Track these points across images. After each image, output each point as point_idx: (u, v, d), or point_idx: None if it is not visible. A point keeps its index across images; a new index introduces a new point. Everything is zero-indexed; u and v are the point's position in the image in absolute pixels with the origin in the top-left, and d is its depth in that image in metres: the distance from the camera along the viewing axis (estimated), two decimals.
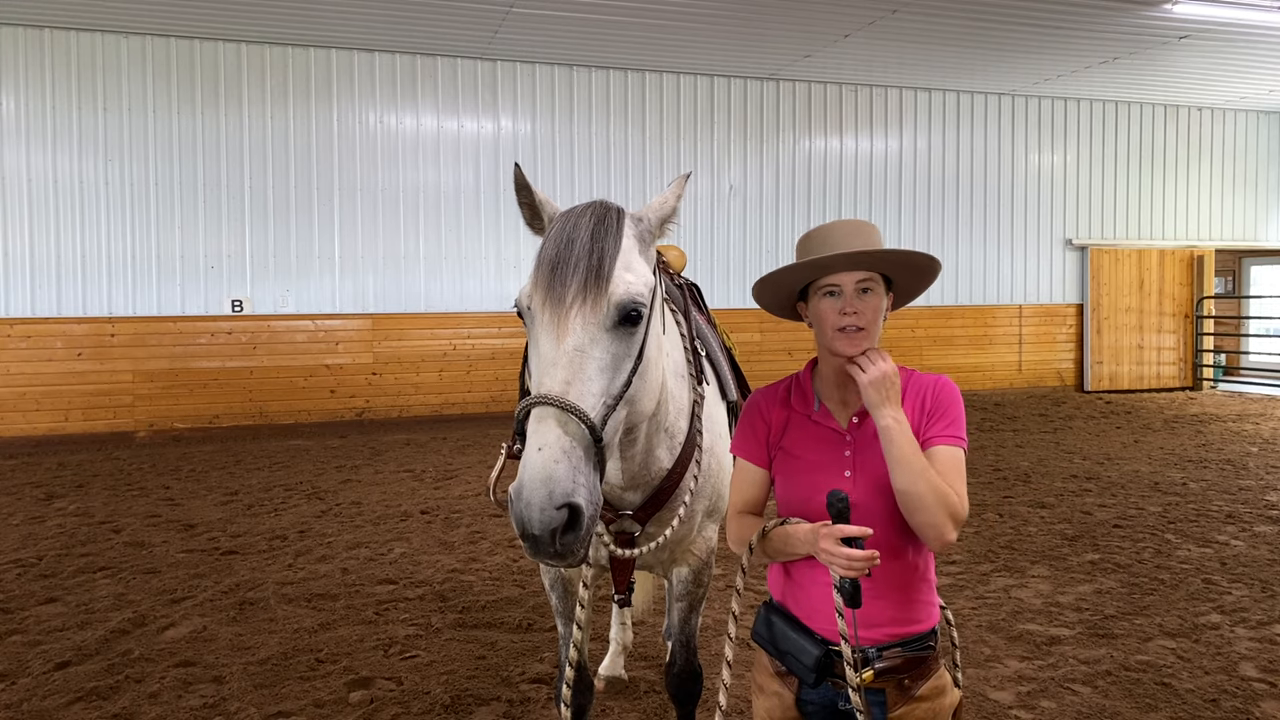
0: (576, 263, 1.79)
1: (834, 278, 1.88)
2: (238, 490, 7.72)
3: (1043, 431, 10.67)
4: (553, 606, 2.82)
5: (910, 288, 2.01)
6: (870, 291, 1.88)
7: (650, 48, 11.33)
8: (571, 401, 1.70)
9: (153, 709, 3.65)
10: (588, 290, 1.77)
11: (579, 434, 1.70)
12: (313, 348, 11.17)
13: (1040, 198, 14.40)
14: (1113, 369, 14.63)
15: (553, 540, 1.66)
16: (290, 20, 10.10)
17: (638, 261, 1.90)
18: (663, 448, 2.37)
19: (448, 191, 11.53)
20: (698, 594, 2.74)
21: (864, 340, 1.87)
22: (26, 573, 5.44)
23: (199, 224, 10.73)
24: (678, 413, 2.40)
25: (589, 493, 1.70)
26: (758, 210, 12.96)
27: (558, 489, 1.65)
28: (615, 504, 2.42)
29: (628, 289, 1.80)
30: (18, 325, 10.13)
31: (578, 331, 1.76)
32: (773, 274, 1.96)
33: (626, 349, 1.82)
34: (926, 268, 1.95)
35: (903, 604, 1.90)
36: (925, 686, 1.91)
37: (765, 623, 2.02)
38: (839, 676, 1.87)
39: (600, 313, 1.77)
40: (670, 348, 2.43)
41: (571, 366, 1.74)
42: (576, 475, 1.68)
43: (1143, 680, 3.86)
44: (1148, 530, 6.23)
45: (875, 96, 13.49)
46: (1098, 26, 10.66)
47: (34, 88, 10.14)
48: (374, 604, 4.87)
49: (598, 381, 1.76)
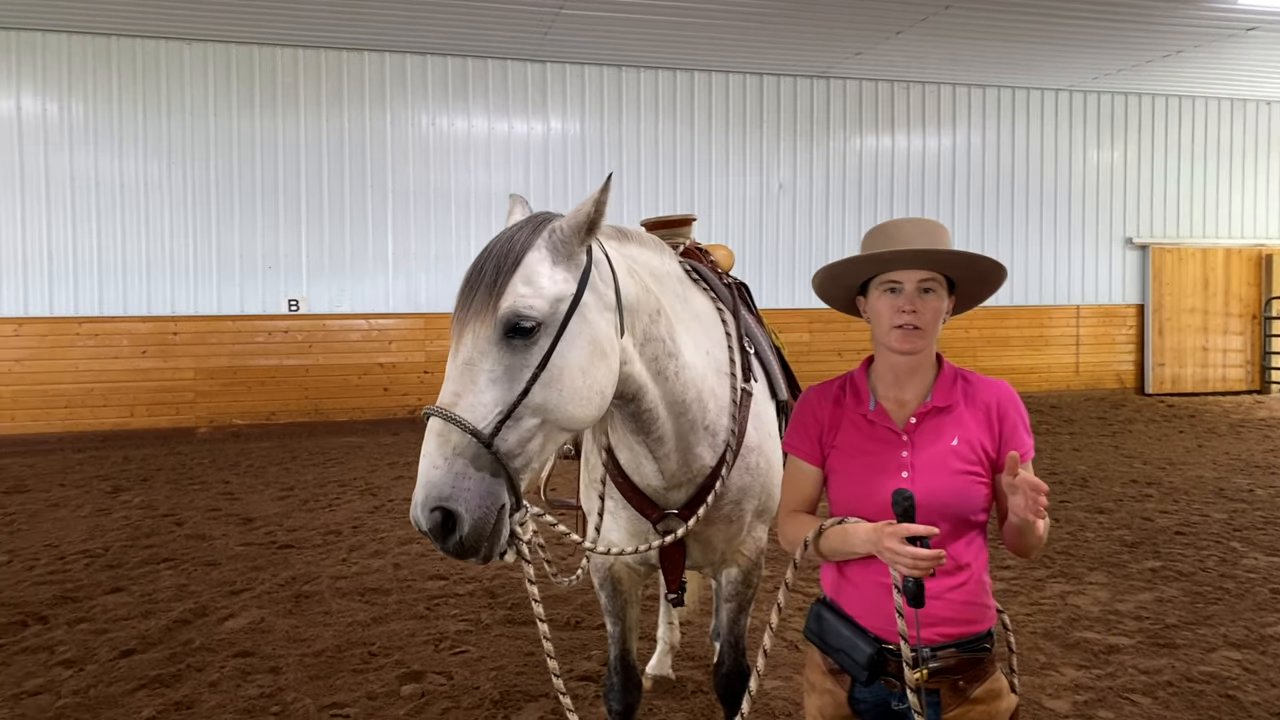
0: (479, 280, 1.87)
1: (897, 274, 1.87)
2: (294, 485, 7.90)
3: (1101, 435, 10.41)
4: (601, 605, 2.83)
5: (972, 294, 1.99)
6: (932, 292, 1.87)
7: (699, 47, 11.31)
8: (453, 412, 1.78)
9: (213, 697, 3.75)
10: (482, 305, 1.85)
11: (461, 442, 1.77)
12: (366, 346, 11.37)
13: (1099, 196, 14.04)
14: (1175, 371, 14.21)
15: (438, 539, 1.77)
16: (346, 25, 10.29)
17: (545, 273, 1.90)
18: (703, 445, 2.36)
19: (498, 192, 11.64)
20: (747, 595, 2.73)
21: (919, 340, 1.86)
22: (94, 563, 5.63)
23: (257, 225, 11.00)
24: (719, 410, 2.39)
25: (479, 498, 1.77)
26: (807, 209, 12.85)
27: (433, 493, 1.75)
28: (660, 503, 2.43)
29: (514, 303, 1.84)
30: (86, 324, 10.49)
31: (468, 345, 1.84)
32: (835, 264, 1.95)
33: (522, 360, 1.84)
34: (992, 275, 1.93)
35: (958, 604, 1.88)
36: (981, 689, 1.89)
37: (817, 619, 2.00)
38: (891, 675, 1.86)
39: (488, 327, 1.83)
40: (711, 345, 2.43)
41: (461, 379, 1.82)
42: (459, 481, 1.76)
43: (1206, 692, 3.75)
44: (1212, 538, 6.04)
45: (928, 93, 13.30)
46: (1160, 19, 10.37)
47: (101, 93, 10.49)
48: (425, 599, 4.94)
49: (489, 393, 1.81)
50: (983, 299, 2.02)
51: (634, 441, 2.32)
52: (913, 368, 1.94)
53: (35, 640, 4.37)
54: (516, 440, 1.83)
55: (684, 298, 2.43)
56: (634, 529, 2.52)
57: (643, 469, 2.39)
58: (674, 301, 2.34)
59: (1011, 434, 1.92)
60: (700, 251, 3.16)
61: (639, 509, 2.46)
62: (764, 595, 4.92)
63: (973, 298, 2.01)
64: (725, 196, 12.54)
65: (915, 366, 1.94)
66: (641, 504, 2.45)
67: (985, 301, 2.06)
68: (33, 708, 3.66)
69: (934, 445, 1.86)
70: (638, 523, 2.49)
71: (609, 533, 2.60)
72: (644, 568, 2.69)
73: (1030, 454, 1.91)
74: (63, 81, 10.38)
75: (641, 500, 2.45)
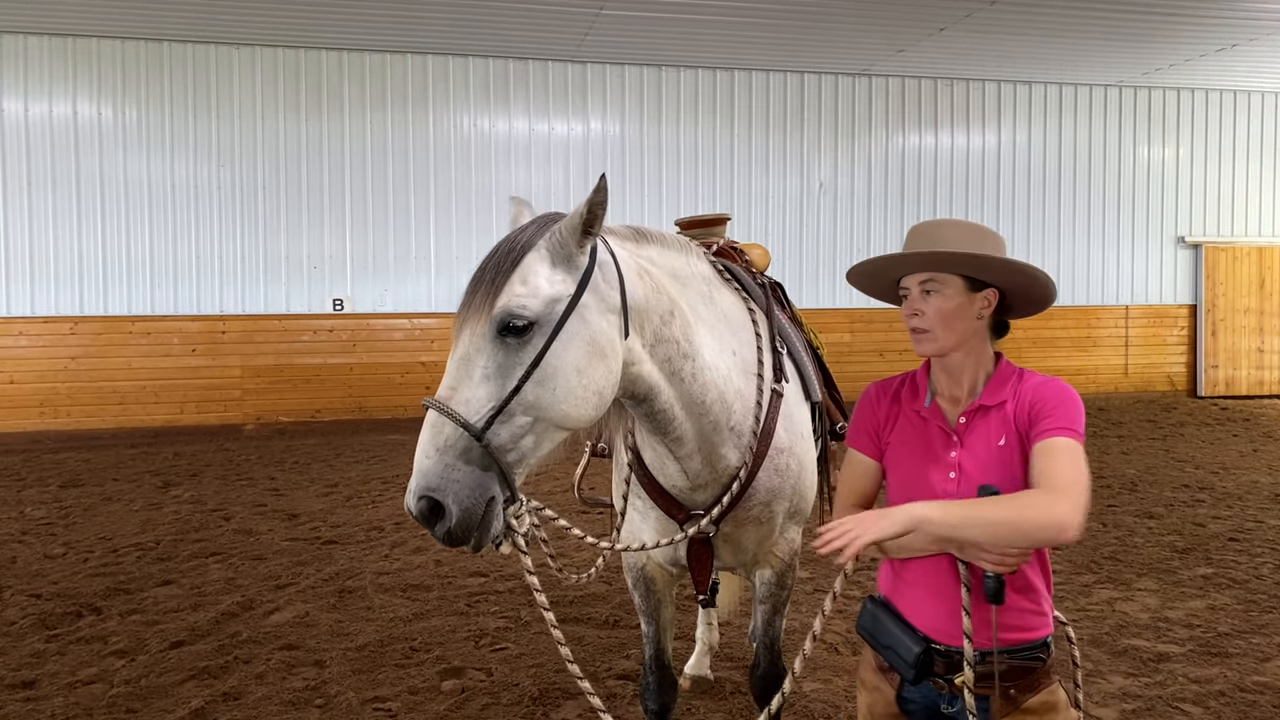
0: (481, 279, 1.92)
1: (905, 279, 1.91)
2: (338, 482, 8.02)
3: (1151, 438, 10.18)
4: (636, 605, 2.84)
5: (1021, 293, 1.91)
6: (934, 293, 1.86)
7: (740, 46, 11.27)
8: (448, 405, 1.83)
9: (259, 689, 3.83)
10: (480, 304, 1.89)
11: (453, 435, 1.82)
12: (409, 345, 11.51)
13: (1149, 193, 13.72)
14: (1229, 373, 13.83)
15: (425, 526, 1.84)
16: (389, 28, 10.43)
17: (542, 274, 1.92)
18: (728, 446, 2.35)
19: (539, 192, 11.70)
20: (781, 596, 2.72)
21: (929, 342, 1.87)
22: (145, 556, 5.78)
23: (303, 226, 11.19)
24: (745, 411, 2.38)
25: (469, 489, 1.82)
26: (849, 208, 12.74)
27: (422, 482, 1.81)
28: (686, 503, 2.43)
29: (508, 302, 1.87)
30: (139, 322, 10.76)
31: (465, 341, 1.89)
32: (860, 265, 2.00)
33: (516, 358, 1.87)
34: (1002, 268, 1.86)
35: (1009, 609, 1.83)
36: (1034, 699, 1.84)
37: (869, 616, 2.00)
38: (940, 675, 1.84)
39: (483, 324, 1.87)
40: (739, 345, 2.42)
41: (457, 374, 1.87)
42: (448, 472, 1.81)
43: (1260, 703, 3.65)
44: (1267, 544, 5.88)
45: (971, 90, 13.10)
46: (1213, 12, 10.10)
47: (154, 98, 10.75)
48: (466, 596, 4.99)
49: (483, 388, 1.86)
50: (1033, 294, 1.93)
51: (655, 442, 2.33)
52: (957, 366, 1.92)
53: (89, 631, 4.50)
54: (509, 436, 1.87)
55: (710, 298, 2.42)
56: (664, 529, 2.52)
57: (666, 469, 2.39)
58: (696, 302, 2.33)
59: (1039, 416, 1.79)
60: (735, 251, 3.14)
61: (665, 509, 2.46)
62: (803, 597, 4.89)
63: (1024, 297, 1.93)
64: (765, 196, 12.48)
65: (959, 365, 1.92)
66: (667, 504, 2.45)
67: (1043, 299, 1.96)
68: (86, 696, 3.77)
69: (981, 446, 1.85)
70: (666, 523, 2.49)
71: (640, 532, 2.60)
72: (676, 568, 2.69)
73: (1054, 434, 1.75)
74: (117, 86, 10.65)
75: (667, 500, 2.45)
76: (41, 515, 6.86)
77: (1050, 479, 1.69)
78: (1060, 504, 1.64)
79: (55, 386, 10.57)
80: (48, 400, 10.56)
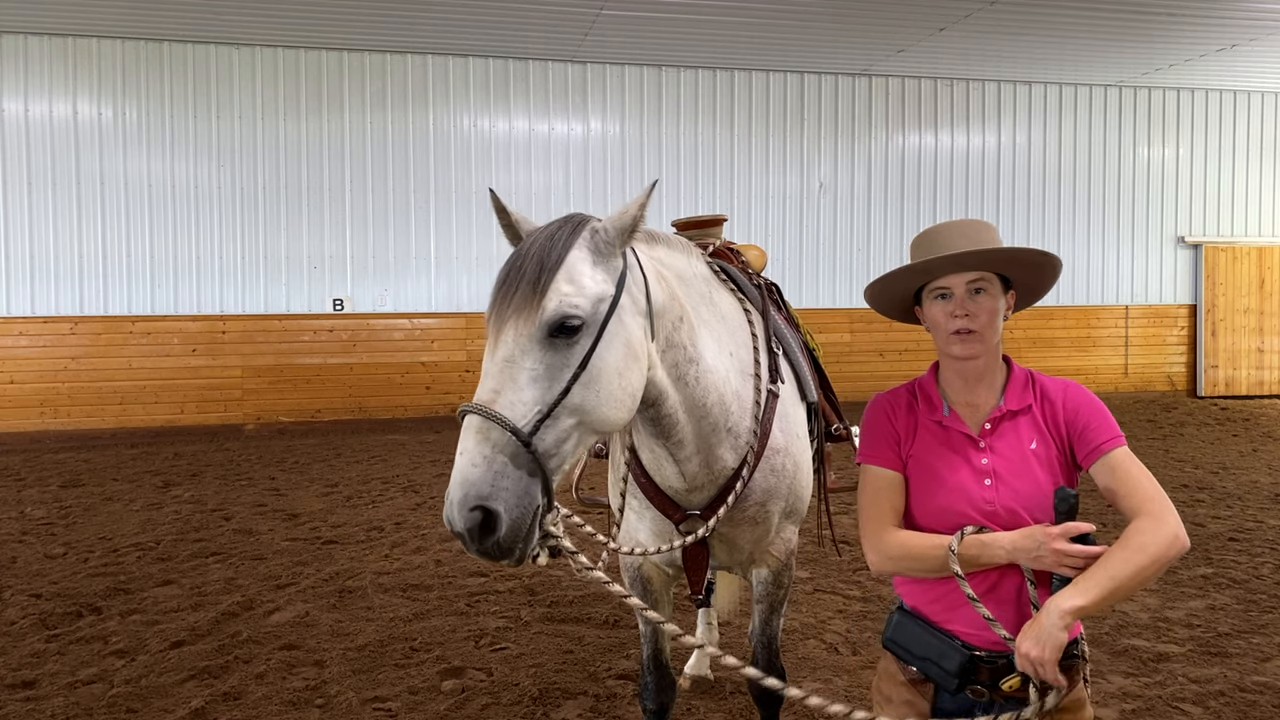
0: (520, 277, 1.85)
1: (943, 280, 1.86)
2: (338, 482, 8.02)
3: (1151, 438, 10.18)
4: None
5: (1032, 286, 1.95)
6: (984, 292, 1.85)
7: (740, 46, 11.27)
8: (494, 410, 1.75)
9: (259, 689, 3.83)
10: (524, 303, 1.82)
11: (501, 441, 1.74)
12: (409, 345, 11.52)
13: (1149, 193, 13.72)
14: (1229, 373, 13.83)
15: (474, 540, 1.73)
16: (389, 28, 10.43)
17: (586, 273, 1.90)
18: (725, 447, 2.34)
19: (538, 193, 11.72)
20: (778, 595, 2.72)
21: (978, 344, 1.84)
22: (145, 555, 5.78)
23: (303, 226, 11.20)
24: (742, 412, 2.37)
25: (517, 498, 1.74)
26: (849, 208, 12.74)
27: (471, 492, 1.71)
28: (682, 504, 2.43)
29: (560, 301, 1.82)
30: (139, 322, 10.77)
31: (509, 343, 1.82)
32: (881, 279, 1.94)
33: (564, 360, 1.83)
34: (1044, 263, 1.90)
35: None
36: (1067, 698, 1.84)
37: (900, 628, 1.94)
38: (980, 683, 1.82)
39: (532, 325, 1.81)
40: (736, 347, 2.42)
41: (501, 376, 1.80)
42: (498, 480, 1.73)
43: (1260, 702, 3.65)
44: (1267, 544, 5.88)
45: (972, 90, 13.10)
46: (1213, 12, 10.10)
47: (154, 98, 10.76)
48: (466, 596, 4.99)
49: (529, 391, 1.79)
50: (1043, 291, 1.98)
51: (655, 444, 2.32)
52: (980, 372, 1.91)
53: (89, 630, 4.50)
54: (554, 440, 1.81)
55: (710, 299, 2.42)
56: (659, 529, 2.52)
57: (664, 470, 2.39)
58: (699, 303, 2.34)
59: (1085, 430, 1.84)
60: (731, 252, 3.14)
61: (661, 509, 2.46)
62: (803, 597, 4.89)
63: (1034, 290, 1.97)
64: (765, 196, 12.48)
65: (982, 370, 1.91)
66: (664, 504, 2.45)
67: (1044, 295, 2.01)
68: (87, 696, 3.77)
69: (1013, 450, 1.83)
70: (662, 523, 2.49)
71: (636, 533, 2.61)
72: (673, 569, 2.70)
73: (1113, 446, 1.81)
74: (117, 86, 10.66)
75: (664, 501, 2.45)
76: (41, 515, 6.87)
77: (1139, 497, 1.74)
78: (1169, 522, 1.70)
79: (55, 386, 10.57)
80: (48, 400, 10.57)
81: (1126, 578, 1.66)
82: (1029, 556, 1.74)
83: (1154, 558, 1.67)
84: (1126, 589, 1.68)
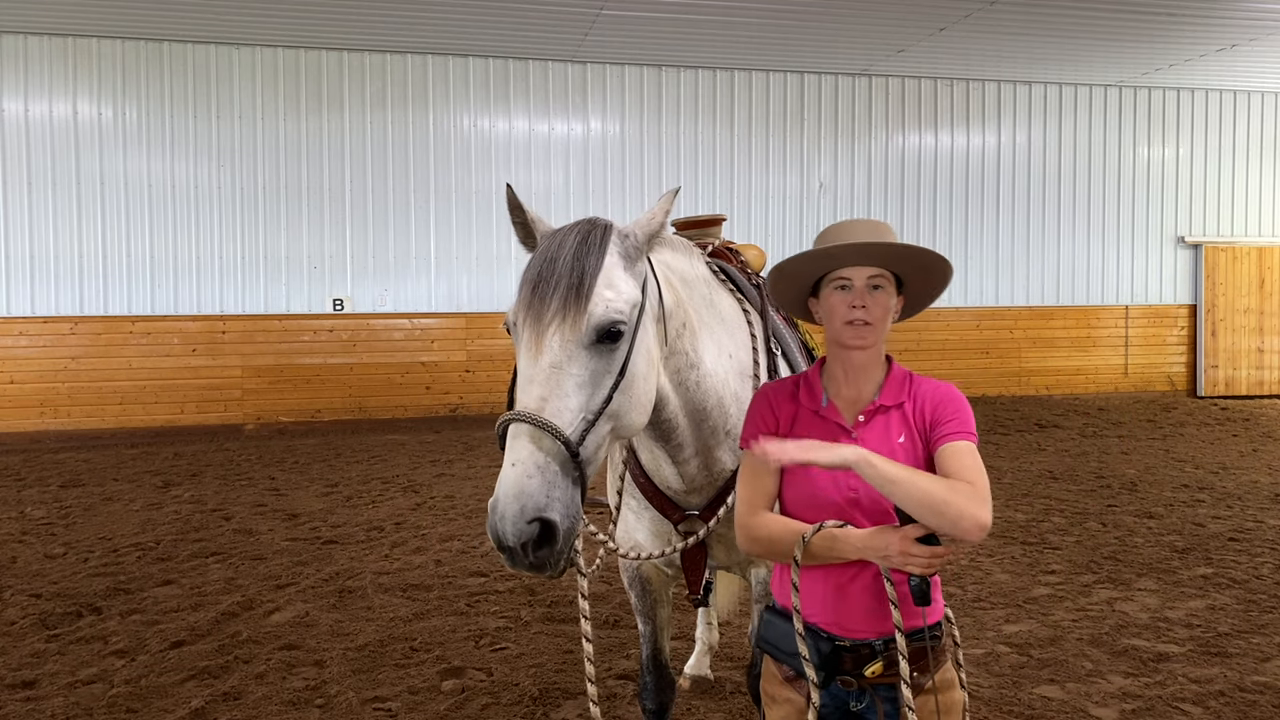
0: (557, 281, 1.81)
1: (846, 271, 1.91)
2: (338, 482, 8.02)
3: (1151, 438, 10.18)
4: (632, 604, 2.84)
5: (921, 294, 2.03)
6: (881, 289, 1.91)
7: (740, 46, 11.27)
8: (545, 418, 1.72)
9: (259, 689, 3.83)
10: (567, 308, 1.79)
11: (553, 449, 1.72)
12: (409, 345, 11.52)
13: (1149, 193, 13.72)
14: (1229, 373, 13.83)
15: (526, 553, 1.71)
16: (389, 28, 10.43)
17: (621, 279, 1.90)
18: (724, 449, 2.35)
19: (539, 192, 11.71)
20: None
21: (870, 335, 1.91)
22: (145, 555, 5.78)
23: (303, 226, 11.20)
24: (740, 413, 2.36)
25: (565, 507, 1.72)
26: (849, 209, 12.74)
27: (529, 503, 1.68)
28: (681, 504, 2.43)
29: (607, 307, 1.81)
30: (139, 322, 10.76)
31: (554, 349, 1.78)
32: (787, 262, 1.98)
33: (607, 365, 1.82)
34: (938, 270, 1.96)
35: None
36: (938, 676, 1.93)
37: (769, 626, 2.00)
38: (846, 673, 1.89)
39: (578, 330, 1.78)
40: (735, 348, 2.42)
41: (548, 383, 1.76)
42: (551, 490, 1.70)
43: (1260, 703, 3.65)
44: (1267, 544, 5.88)
45: (971, 90, 13.10)
46: (1213, 12, 10.11)
47: (154, 98, 10.76)
48: (466, 596, 4.99)
49: (575, 398, 1.77)
50: (929, 300, 2.05)
51: (654, 446, 2.33)
52: (863, 365, 1.96)
53: (89, 630, 4.50)
54: (593, 447, 1.80)
55: (710, 301, 2.42)
56: (658, 529, 2.52)
57: (662, 471, 2.39)
58: (700, 306, 2.34)
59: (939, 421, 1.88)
60: (730, 251, 3.15)
61: (660, 509, 2.46)
62: None
63: (920, 300, 2.04)
64: (765, 196, 12.48)
65: (866, 364, 1.96)
66: (663, 504, 2.45)
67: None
68: (87, 696, 3.77)
69: (881, 443, 1.88)
70: (661, 522, 2.49)
71: (634, 532, 2.61)
72: (672, 569, 2.70)
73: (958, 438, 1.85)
74: (117, 86, 10.65)
75: (662, 501, 2.45)
76: (41, 515, 6.87)
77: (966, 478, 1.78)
78: (985, 507, 1.73)
79: (55, 386, 10.57)
80: (48, 400, 10.56)
81: (917, 484, 1.71)
82: (878, 554, 1.79)
83: (953, 501, 1.69)
84: (910, 490, 1.70)
